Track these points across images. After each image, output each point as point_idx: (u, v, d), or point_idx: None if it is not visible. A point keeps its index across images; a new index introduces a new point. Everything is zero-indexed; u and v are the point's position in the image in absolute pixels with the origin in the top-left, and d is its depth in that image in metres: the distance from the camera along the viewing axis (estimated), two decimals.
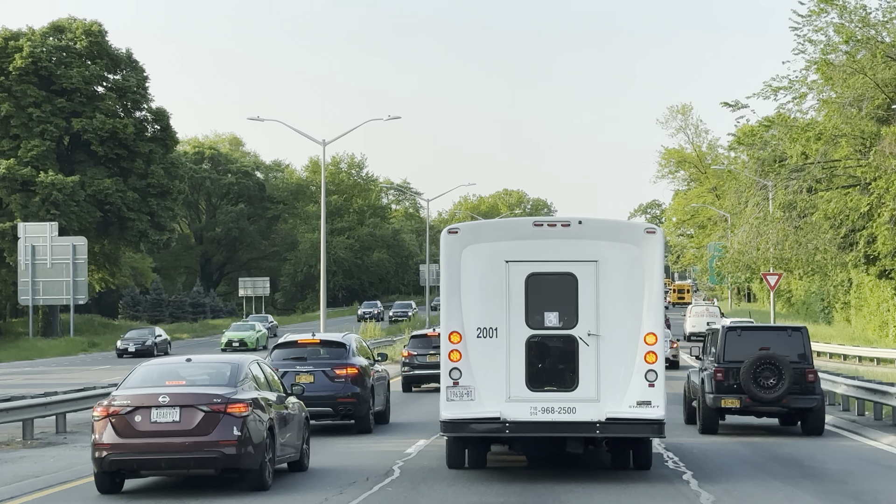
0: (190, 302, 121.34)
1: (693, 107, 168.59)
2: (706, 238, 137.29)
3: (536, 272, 17.72)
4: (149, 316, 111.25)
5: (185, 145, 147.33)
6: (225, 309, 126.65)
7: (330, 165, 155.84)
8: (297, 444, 19.08)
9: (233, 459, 16.53)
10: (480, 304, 17.66)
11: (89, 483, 17.91)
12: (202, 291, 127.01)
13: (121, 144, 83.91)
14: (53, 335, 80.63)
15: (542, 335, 17.73)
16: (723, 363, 24.50)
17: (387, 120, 50.97)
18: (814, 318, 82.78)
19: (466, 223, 18.34)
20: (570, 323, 17.68)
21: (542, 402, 17.50)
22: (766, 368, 24.06)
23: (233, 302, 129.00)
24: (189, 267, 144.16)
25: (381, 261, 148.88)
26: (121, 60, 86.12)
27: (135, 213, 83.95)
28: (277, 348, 26.43)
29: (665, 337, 18.93)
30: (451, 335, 17.66)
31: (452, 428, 17.71)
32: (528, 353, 17.65)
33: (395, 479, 18.34)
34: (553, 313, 17.69)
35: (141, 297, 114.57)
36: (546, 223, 17.89)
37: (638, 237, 17.69)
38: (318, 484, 17.93)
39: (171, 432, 16.41)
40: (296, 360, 25.67)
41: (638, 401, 17.36)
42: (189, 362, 18.10)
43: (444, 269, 17.87)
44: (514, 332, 17.64)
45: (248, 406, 16.71)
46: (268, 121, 52.22)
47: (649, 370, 17.41)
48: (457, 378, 17.55)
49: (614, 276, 17.61)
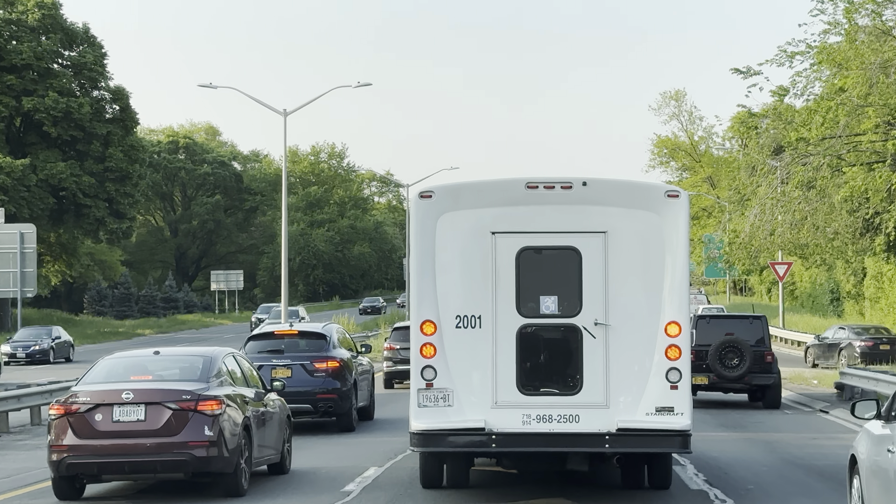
0: (162, 297, 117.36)
1: (686, 92, 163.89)
2: (700, 230, 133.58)
3: (530, 246, 15.03)
4: (116, 311, 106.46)
5: (160, 134, 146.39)
6: (200, 304, 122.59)
7: (310, 155, 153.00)
8: (278, 445, 17.85)
9: (204, 462, 15.39)
10: (460, 287, 15.00)
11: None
12: (174, 286, 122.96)
13: (76, 125, 78.49)
14: (4, 330, 75.02)
15: (537, 325, 15.03)
16: (693, 346, 25.74)
17: (355, 87, 45.58)
18: (822, 312, 77.30)
19: (443, 184, 15.51)
20: (571, 310, 14.95)
21: (538, 408, 14.85)
22: (730, 351, 28.34)
23: (208, 297, 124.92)
24: (164, 261, 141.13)
25: (363, 254, 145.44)
26: (77, 35, 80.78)
27: (91, 199, 78.84)
28: (252, 340, 24.80)
29: (690, 325, 15.99)
30: (423, 325, 14.99)
31: (425, 441, 14.94)
32: (519, 348, 14.94)
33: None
34: (551, 298, 15.00)
35: (108, 292, 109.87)
36: (542, 184, 14.98)
37: (657, 202, 14.93)
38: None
39: (135, 432, 15.27)
40: (272, 353, 24.10)
41: (657, 406, 14.67)
42: (157, 355, 16.91)
43: (414, 242, 15.18)
44: (502, 322, 14.96)
45: (222, 403, 15.55)
46: (221, 87, 46.32)
47: (671, 368, 14.67)
48: (430, 379, 14.91)
49: (627, 251, 14.93)
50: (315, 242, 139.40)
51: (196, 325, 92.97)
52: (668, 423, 14.60)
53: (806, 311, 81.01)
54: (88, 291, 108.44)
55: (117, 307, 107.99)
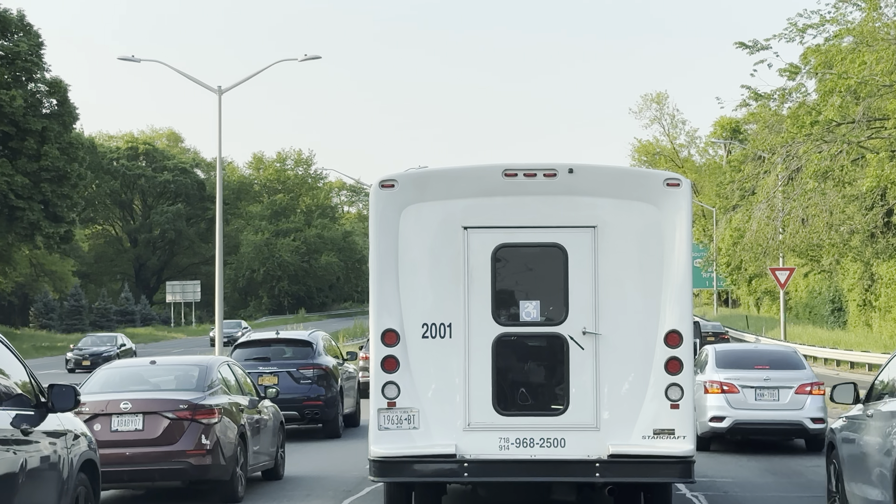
0: (117, 310, 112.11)
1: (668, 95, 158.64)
2: None
3: (508, 243, 13.59)
4: (65, 325, 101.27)
5: (119, 140, 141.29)
6: (159, 318, 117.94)
7: (275, 162, 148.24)
8: (272, 451, 18.43)
9: (201, 470, 15.81)
10: (428, 291, 13.54)
11: None
12: (131, 298, 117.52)
13: (8, 120, 73.06)
14: None
15: (515, 334, 13.53)
16: None
17: (301, 60, 39.14)
18: (819, 323, 71.33)
19: (407, 172, 14.26)
20: (556, 317, 13.48)
21: (517, 431, 13.32)
22: None
23: (168, 310, 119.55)
24: (124, 272, 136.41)
25: (331, 265, 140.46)
26: (10, 23, 74.97)
27: (25, 201, 73.66)
28: (238, 348, 25.27)
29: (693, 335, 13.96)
30: (384, 335, 13.48)
31: (387, 470, 13.39)
32: (495, 361, 13.42)
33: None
34: (532, 303, 13.53)
35: (56, 304, 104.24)
36: (522, 172, 13.55)
37: (655, 192, 13.46)
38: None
39: (133, 441, 15.71)
40: (258, 361, 24.53)
41: (655, 429, 13.20)
42: (154, 365, 17.60)
43: (374, 239, 13.64)
44: (475, 331, 13.44)
45: (218, 412, 16.08)
46: (145, 61, 39.77)
47: (672, 384, 13.19)
48: (393, 397, 13.40)
49: (621, 249, 13.45)
50: (280, 252, 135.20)
51: (146, 339, 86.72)
52: (667, 448, 13.19)
53: (802, 322, 74.96)
54: (34, 304, 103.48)
55: (67, 320, 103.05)
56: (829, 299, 71.52)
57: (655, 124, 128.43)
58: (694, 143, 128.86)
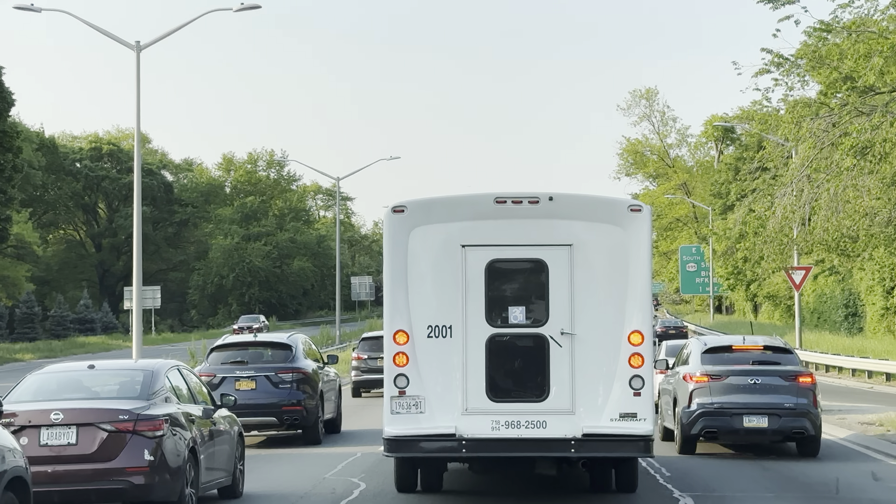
0: (74, 318, 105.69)
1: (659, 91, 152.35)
2: (672, 242, 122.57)
3: (499, 258, 16.04)
4: (17, 334, 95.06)
5: (82, 141, 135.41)
6: (122, 326, 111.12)
7: (246, 163, 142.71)
8: (229, 467, 17.14)
9: (144, 490, 14.55)
10: (432, 298, 16.01)
11: None
12: (91, 305, 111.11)
13: None
14: None
15: (505, 334, 16.01)
16: None
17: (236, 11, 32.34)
18: (832, 329, 64.83)
19: (415, 199, 16.37)
20: (539, 319, 15.96)
21: (506, 414, 15.84)
22: None
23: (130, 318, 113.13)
24: (88, 279, 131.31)
25: (304, 270, 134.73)
26: None
27: None
28: (215, 351, 24.76)
29: (653, 334, 17.17)
30: (396, 335, 15.95)
31: (398, 447, 15.95)
32: (488, 356, 15.90)
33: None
34: (519, 308, 16.01)
35: (5, 312, 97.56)
36: (510, 199, 16.03)
37: (621, 216, 15.93)
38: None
39: (66, 457, 14.36)
40: (235, 364, 24.13)
41: (621, 413, 15.68)
42: (92, 369, 16.04)
43: (387, 255, 16.08)
44: (472, 331, 15.94)
45: (164, 423, 14.73)
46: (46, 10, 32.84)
47: (634, 376, 15.67)
48: (403, 387, 15.86)
49: (592, 263, 15.93)
50: (251, 257, 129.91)
51: (96, 349, 79.84)
52: (631, 428, 15.57)
53: (810, 328, 68.39)
54: None
55: (18, 329, 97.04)
56: (842, 303, 64.96)
57: (645, 122, 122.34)
58: (685, 142, 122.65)
